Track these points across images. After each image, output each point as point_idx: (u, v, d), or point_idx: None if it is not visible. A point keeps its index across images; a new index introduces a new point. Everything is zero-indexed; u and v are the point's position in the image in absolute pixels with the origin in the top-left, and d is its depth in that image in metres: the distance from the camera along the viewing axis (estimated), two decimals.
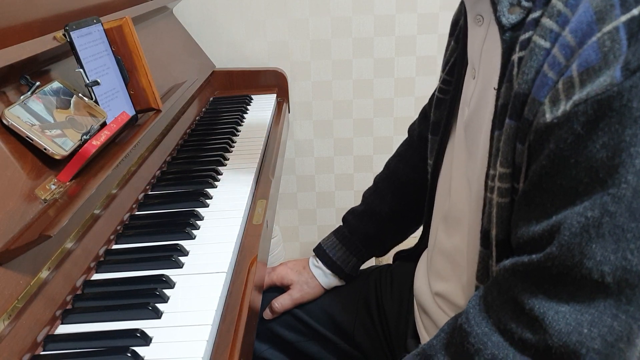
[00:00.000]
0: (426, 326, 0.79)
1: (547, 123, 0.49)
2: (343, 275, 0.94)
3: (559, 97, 0.48)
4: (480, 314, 0.55)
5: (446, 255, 0.74)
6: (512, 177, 0.55)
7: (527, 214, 0.52)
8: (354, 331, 0.91)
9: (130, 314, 0.63)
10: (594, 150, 0.46)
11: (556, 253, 0.48)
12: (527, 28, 0.53)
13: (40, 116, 0.71)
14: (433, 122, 0.79)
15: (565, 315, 0.48)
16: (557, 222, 0.49)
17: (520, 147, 0.53)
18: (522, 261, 0.51)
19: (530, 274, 0.51)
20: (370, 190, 0.99)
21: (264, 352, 0.93)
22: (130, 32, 0.94)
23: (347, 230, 0.96)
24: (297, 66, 1.62)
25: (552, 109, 0.48)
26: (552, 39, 0.50)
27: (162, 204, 0.89)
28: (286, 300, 0.92)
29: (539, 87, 0.50)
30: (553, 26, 0.50)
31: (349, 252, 0.94)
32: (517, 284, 0.52)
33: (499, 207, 0.57)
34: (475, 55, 0.65)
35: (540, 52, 0.51)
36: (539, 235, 0.50)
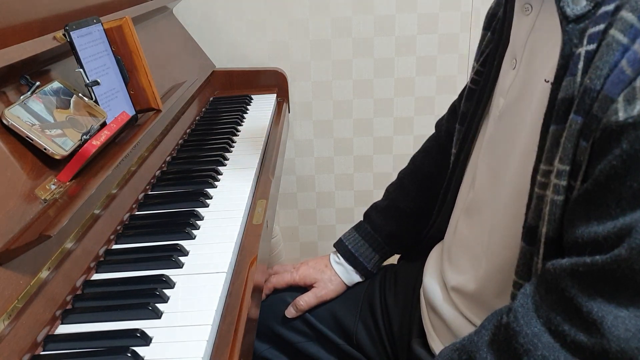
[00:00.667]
0: (434, 325, 0.79)
1: (619, 122, 0.47)
2: (365, 271, 0.94)
3: (635, 95, 0.46)
4: (529, 313, 0.53)
5: (465, 246, 0.73)
6: (571, 174, 0.53)
7: (586, 213, 0.51)
8: (356, 331, 0.91)
9: (130, 314, 0.63)
10: None
11: (625, 256, 0.47)
12: (598, 21, 0.51)
13: (40, 116, 0.71)
14: (462, 113, 0.78)
15: (625, 320, 0.47)
16: (625, 225, 0.47)
17: (584, 144, 0.51)
18: (584, 262, 0.49)
19: (591, 276, 0.49)
20: (395, 185, 0.98)
21: (264, 352, 0.93)
22: (130, 32, 0.94)
23: (370, 226, 0.96)
24: (297, 66, 1.62)
25: (627, 107, 0.47)
26: (631, 35, 0.48)
27: (162, 204, 0.89)
28: (311, 298, 0.92)
29: (613, 84, 0.48)
30: (635, 21, 0.48)
31: (372, 249, 0.94)
32: (575, 285, 0.50)
33: (553, 205, 0.55)
34: (519, 45, 0.63)
35: (617, 46, 0.48)
36: (603, 237, 0.49)
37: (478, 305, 0.71)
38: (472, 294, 0.71)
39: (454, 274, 0.75)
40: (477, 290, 0.70)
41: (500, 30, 0.70)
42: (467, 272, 0.72)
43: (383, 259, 0.96)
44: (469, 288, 0.72)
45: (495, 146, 0.68)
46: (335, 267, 0.94)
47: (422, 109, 1.68)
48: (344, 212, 1.80)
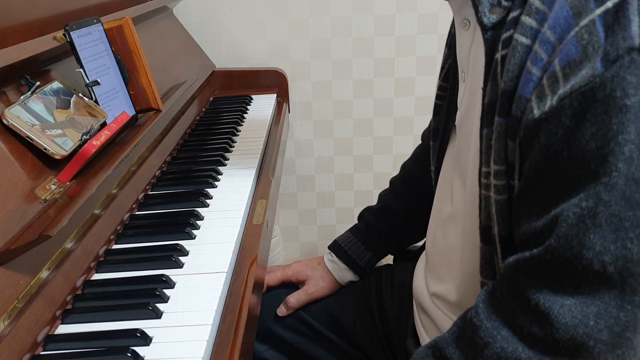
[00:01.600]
0: (425, 325, 0.79)
1: (535, 119, 0.49)
2: (358, 269, 0.94)
3: (544, 92, 0.49)
4: (489, 309, 0.55)
5: (443, 256, 0.75)
6: (507, 173, 0.55)
7: (526, 210, 0.53)
8: (354, 331, 0.91)
9: (130, 314, 0.63)
10: (584, 141, 0.47)
11: (555, 245, 0.48)
12: (508, 27, 0.54)
13: (40, 116, 0.71)
14: (433, 129, 0.80)
15: (571, 308, 0.48)
16: (554, 215, 0.49)
17: (511, 144, 0.54)
18: (524, 256, 0.52)
19: (533, 269, 0.51)
20: (386, 190, 1.00)
21: (264, 352, 0.93)
22: (130, 32, 0.94)
23: (363, 226, 0.97)
24: (297, 66, 1.62)
25: (539, 104, 0.49)
26: (532, 35, 0.51)
27: (162, 204, 0.89)
28: (301, 295, 0.92)
29: (524, 84, 0.51)
30: (532, 23, 0.51)
31: (365, 247, 0.95)
32: (522, 280, 0.52)
33: (498, 204, 0.57)
34: (464, 58, 0.66)
35: (522, 49, 0.52)
36: (540, 230, 0.51)
37: (458, 311, 0.72)
38: (451, 301, 0.73)
39: (434, 282, 0.77)
40: (455, 298, 0.72)
41: (454, 45, 0.72)
42: (447, 281, 0.74)
43: (376, 257, 0.96)
44: (448, 296, 0.73)
45: (460, 157, 0.70)
46: (327, 264, 0.95)
47: (422, 109, 1.68)
48: (344, 212, 1.80)
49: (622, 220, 0.46)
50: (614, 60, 0.45)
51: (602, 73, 0.45)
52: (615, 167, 0.46)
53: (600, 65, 0.45)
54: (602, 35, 0.46)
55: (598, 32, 0.46)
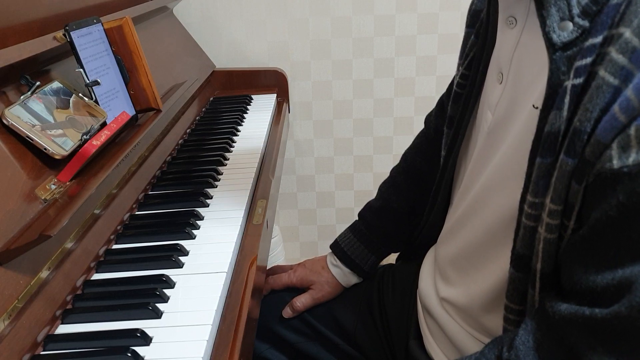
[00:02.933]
0: (431, 328, 0.79)
1: (614, 170, 0.45)
2: (362, 273, 0.94)
3: (630, 143, 0.45)
4: (530, 353, 0.53)
5: (453, 260, 0.73)
6: (563, 214, 0.52)
7: (585, 260, 0.50)
8: (355, 331, 0.91)
9: (131, 314, 0.63)
10: None
11: (625, 313, 0.46)
12: (585, 54, 0.49)
13: (41, 116, 0.71)
14: (449, 116, 0.77)
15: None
16: (624, 279, 0.46)
17: (576, 186, 0.50)
18: (583, 313, 0.49)
19: (590, 328, 0.49)
20: (387, 183, 0.97)
21: (264, 352, 0.93)
22: (130, 32, 0.94)
23: (365, 227, 0.95)
24: (297, 66, 1.62)
25: (622, 155, 0.45)
26: (622, 76, 0.46)
27: (162, 203, 0.89)
28: (308, 300, 0.92)
29: (605, 129, 0.46)
30: (625, 63, 0.46)
31: (368, 250, 0.94)
32: (574, 334, 0.50)
33: (547, 242, 0.54)
34: (505, 59, 0.62)
35: (608, 89, 0.47)
36: (602, 289, 0.48)
37: (468, 317, 0.71)
38: (461, 307, 0.71)
39: (445, 286, 0.76)
40: (466, 304, 0.70)
41: (485, 35, 0.68)
42: (458, 286, 0.72)
43: (379, 259, 0.96)
44: (458, 301, 0.72)
45: (485, 162, 0.66)
46: (332, 269, 0.94)
47: (422, 109, 1.68)
48: (344, 212, 1.80)
49: None
50: None
51: None
52: None
53: None
54: None
55: None
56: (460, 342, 0.72)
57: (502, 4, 0.61)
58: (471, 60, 0.73)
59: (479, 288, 0.68)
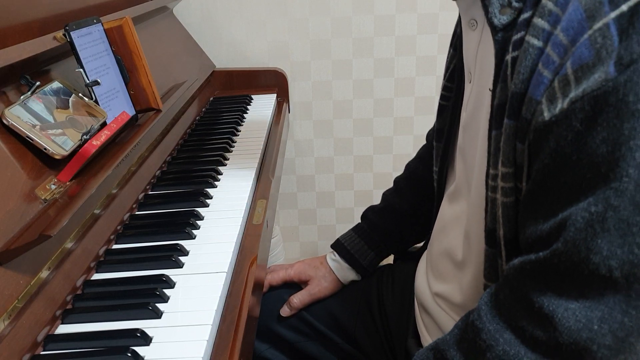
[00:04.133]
0: (427, 325, 0.79)
1: (545, 121, 0.49)
2: (360, 268, 0.94)
3: (555, 95, 0.48)
4: (492, 311, 0.55)
5: (446, 256, 0.75)
6: (515, 176, 0.55)
7: (533, 213, 0.52)
8: (355, 331, 0.91)
9: (131, 314, 0.63)
10: (594, 145, 0.46)
11: (562, 249, 0.48)
12: (519, 28, 0.53)
13: (41, 116, 0.71)
14: (437, 129, 0.80)
15: (575, 312, 0.48)
16: (562, 219, 0.49)
17: (520, 146, 0.53)
18: (530, 259, 0.51)
19: (538, 272, 0.51)
20: (390, 190, 1.00)
21: (264, 352, 0.93)
22: (130, 32, 0.94)
23: (366, 225, 0.97)
24: (297, 66, 1.62)
25: (550, 107, 0.49)
26: (544, 38, 0.50)
27: (162, 203, 0.89)
28: (305, 296, 0.92)
29: (535, 86, 0.50)
30: (545, 25, 0.50)
31: (367, 246, 0.94)
32: (527, 282, 0.52)
33: (504, 207, 0.57)
34: (471, 59, 0.65)
35: (533, 51, 0.51)
36: (546, 233, 0.50)
37: (461, 311, 0.72)
38: (454, 302, 0.73)
39: (437, 281, 0.77)
40: (459, 299, 0.71)
41: (460, 45, 0.71)
42: (450, 282, 0.73)
43: (379, 257, 0.96)
44: (451, 297, 0.73)
45: (464, 158, 0.70)
46: (330, 263, 0.95)
47: (422, 109, 1.68)
48: (344, 212, 1.80)
49: (630, 225, 0.46)
50: (628, 64, 0.44)
51: (615, 77, 0.45)
52: (626, 172, 0.45)
53: (613, 69, 0.45)
54: (616, 39, 0.45)
55: (612, 35, 0.45)
56: None
57: (462, 7, 0.65)
58: (452, 72, 0.76)
59: (468, 282, 0.69)
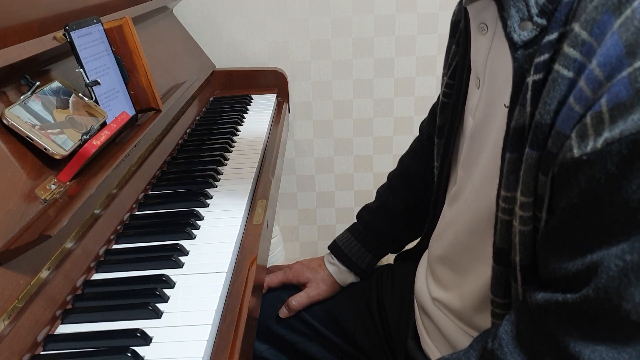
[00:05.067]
0: (427, 327, 0.79)
1: (575, 159, 0.47)
2: (359, 271, 0.94)
3: (587, 132, 0.46)
4: (513, 342, 0.54)
5: (445, 262, 0.74)
6: (534, 206, 0.54)
7: (558, 249, 0.51)
8: (355, 331, 0.91)
9: (130, 314, 0.63)
10: (630, 190, 0.44)
11: (593, 296, 0.47)
12: (543, 50, 0.51)
13: (41, 116, 0.71)
14: (439, 126, 0.79)
15: (602, 354, 0.47)
16: (592, 263, 0.47)
17: (543, 178, 0.51)
18: (557, 300, 0.50)
19: (565, 314, 0.50)
20: (384, 186, 0.99)
21: (264, 352, 0.93)
22: (130, 32, 0.94)
23: (362, 226, 0.96)
24: (297, 66, 1.62)
25: (580, 144, 0.47)
26: (575, 68, 0.48)
27: (162, 203, 0.89)
28: (303, 298, 0.92)
29: (564, 120, 0.48)
30: (577, 56, 0.48)
31: (365, 249, 0.94)
32: (551, 321, 0.51)
33: (522, 235, 0.55)
34: (480, 65, 0.63)
35: (563, 82, 0.49)
36: (573, 274, 0.49)
37: (461, 316, 0.72)
38: (453, 308, 0.72)
39: (436, 287, 0.76)
40: (458, 305, 0.71)
41: (464, 43, 0.69)
42: (448, 288, 0.73)
43: (377, 258, 0.96)
44: (450, 302, 0.73)
45: (468, 165, 0.69)
46: (328, 267, 0.94)
47: (422, 109, 1.68)
48: (344, 212, 1.80)
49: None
50: None
51: None
52: None
53: None
54: None
55: None
56: (455, 340, 0.72)
57: (472, 11, 0.63)
58: (454, 69, 0.75)
59: (469, 289, 0.69)
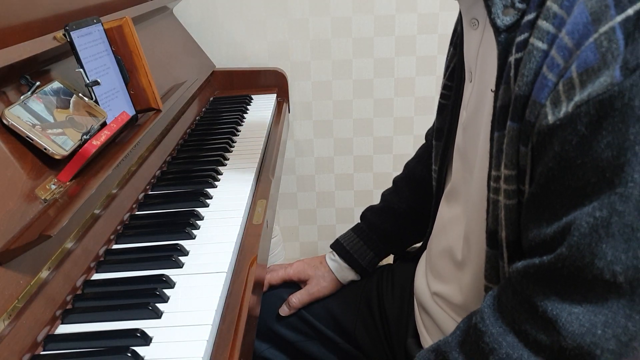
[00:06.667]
0: (426, 325, 0.79)
1: (549, 125, 0.49)
2: (359, 269, 0.94)
3: (560, 98, 0.48)
4: (494, 314, 0.55)
5: (445, 256, 0.74)
6: (518, 178, 0.55)
7: (536, 216, 0.52)
8: (355, 330, 0.91)
9: (130, 314, 0.63)
10: (599, 150, 0.46)
11: (566, 254, 0.48)
12: (523, 30, 0.53)
13: (41, 116, 0.71)
14: (437, 128, 0.80)
15: (579, 316, 0.48)
16: (566, 223, 0.48)
17: (523, 149, 0.53)
18: (534, 263, 0.51)
19: (542, 276, 0.51)
20: (389, 189, 1.00)
21: (264, 351, 0.93)
22: (130, 32, 0.94)
23: (365, 225, 0.97)
24: (297, 66, 1.62)
25: (554, 110, 0.48)
26: (548, 40, 0.50)
27: (162, 203, 0.89)
28: (303, 295, 0.92)
29: (539, 89, 0.50)
30: (549, 28, 0.50)
31: (367, 246, 0.95)
32: (530, 286, 0.52)
33: (507, 209, 0.56)
34: (472, 59, 0.65)
35: (538, 54, 0.51)
36: (550, 237, 0.50)
37: (460, 310, 0.72)
38: (453, 302, 0.72)
39: (436, 281, 0.77)
40: (459, 300, 0.71)
41: (461, 44, 0.71)
42: (449, 282, 0.73)
43: (378, 257, 0.96)
44: (450, 297, 0.73)
45: (464, 158, 0.69)
46: (329, 263, 0.95)
47: (422, 109, 1.68)
48: (344, 212, 1.80)
49: (635, 230, 0.46)
50: (634, 69, 0.44)
51: (620, 82, 0.44)
52: (631, 177, 0.45)
53: (619, 73, 0.45)
54: (622, 43, 0.45)
55: (618, 39, 0.45)
56: None
57: (463, 7, 0.64)
58: (452, 71, 0.76)
59: (469, 280, 0.69)
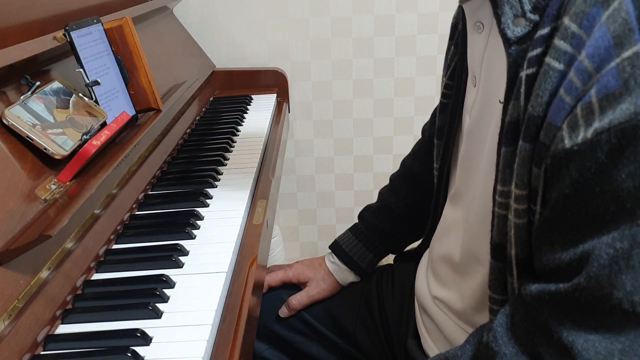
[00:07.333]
0: (427, 326, 0.79)
1: (566, 149, 0.47)
2: (359, 270, 0.94)
3: (577, 122, 0.47)
4: (507, 333, 0.54)
5: (446, 261, 0.74)
6: (529, 198, 0.54)
7: (551, 240, 0.51)
8: (355, 331, 0.91)
9: (130, 314, 0.63)
10: (620, 179, 0.45)
11: (584, 284, 0.47)
12: (536, 45, 0.51)
13: (41, 116, 0.71)
14: (438, 127, 0.79)
15: (595, 343, 0.47)
16: (584, 252, 0.47)
17: (536, 170, 0.52)
18: (549, 289, 0.50)
19: (557, 303, 0.50)
20: (386, 187, 0.99)
21: (264, 352, 0.93)
22: (130, 32, 0.94)
23: (363, 226, 0.96)
24: (297, 66, 1.62)
25: (571, 135, 0.47)
26: (565, 61, 0.49)
27: (162, 203, 0.89)
28: (303, 297, 0.92)
29: (555, 112, 0.49)
30: (567, 48, 0.49)
31: (365, 248, 0.94)
32: (545, 311, 0.51)
33: (517, 228, 0.56)
34: (476, 63, 0.64)
35: (554, 74, 0.49)
36: (566, 264, 0.49)
37: (462, 315, 0.72)
38: (453, 306, 0.72)
39: (437, 285, 0.76)
40: (458, 304, 0.71)
41: (462, 43, 0.70)
42: (450, 287, 0.73)
43: (377, 258, 0.96)
44: (450, 301, 0.73)
45: (468, 164, 0.69)
46: (329, 265, 0.95)
47: (422, 109, 1.68)
48: (344, 212, 1.80)
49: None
50: None
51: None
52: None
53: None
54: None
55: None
56: (456, 339, 0.72)
57: (468, 10, 0.63)
58: (453, 70, 0.75)
59: (470, 288, 0.69)
